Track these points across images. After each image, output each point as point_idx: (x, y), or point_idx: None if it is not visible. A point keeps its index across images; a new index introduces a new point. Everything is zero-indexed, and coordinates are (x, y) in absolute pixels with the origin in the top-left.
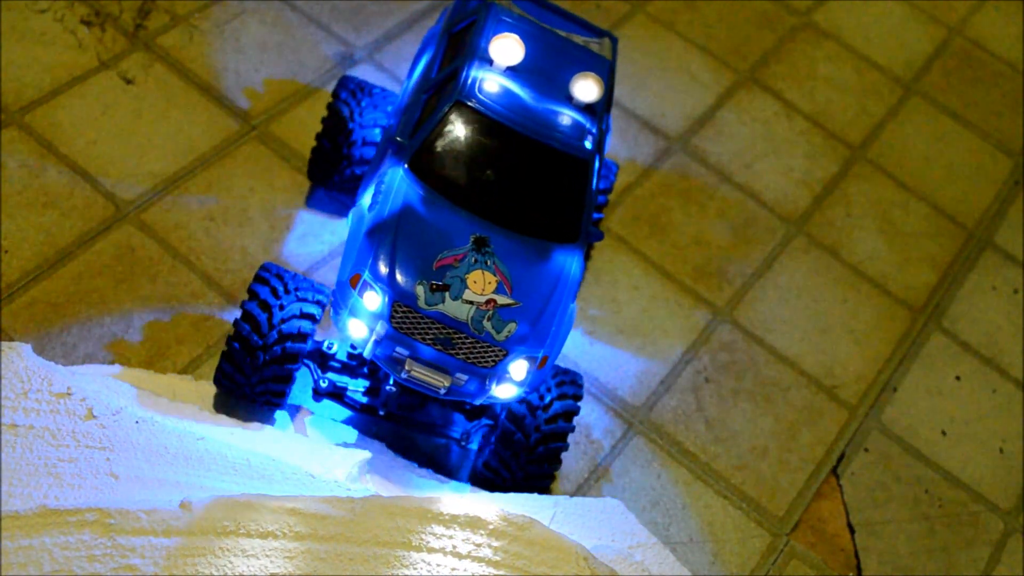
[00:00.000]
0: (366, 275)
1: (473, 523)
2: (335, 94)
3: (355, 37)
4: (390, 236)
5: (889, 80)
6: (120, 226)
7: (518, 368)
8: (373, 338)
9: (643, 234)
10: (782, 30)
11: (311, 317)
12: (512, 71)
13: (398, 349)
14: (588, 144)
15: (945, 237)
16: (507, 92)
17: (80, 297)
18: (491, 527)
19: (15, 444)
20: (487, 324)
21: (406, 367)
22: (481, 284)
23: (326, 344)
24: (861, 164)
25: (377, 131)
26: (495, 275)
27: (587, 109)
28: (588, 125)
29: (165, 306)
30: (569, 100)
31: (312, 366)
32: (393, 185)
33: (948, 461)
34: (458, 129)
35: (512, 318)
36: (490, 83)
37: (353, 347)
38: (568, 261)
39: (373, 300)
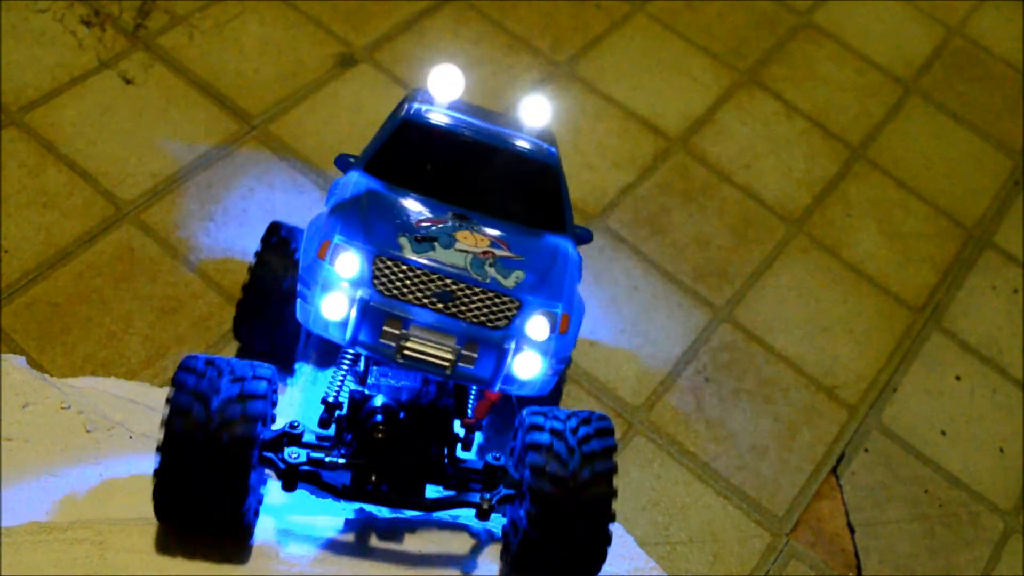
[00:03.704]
0: (336, 239)
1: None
2: (264, 241)
3: (355, 37)
4: (357, 206)
5: (889, 80)
6: (120, 226)
7: (537, 326)
8: (355, 313)
9: (643, 234)
10: (782, 30)
11: (260, 396)
12: (455, 110)
13: (388, 323)
14: (552, 151)
15: (945, 237)
16: (455, 117)
17: (80, 297)
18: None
19: (10, 458)
20: (490, 270)
21: (401, 343)
22: (473, 240)
23: (289, 424)
24: (861, 164)
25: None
26: (486, 237)
27: (540, 138)
28: (546, 145)
29: (165, 306)
30: (519, 131)
31: (275, 457)
32: (351, 181)
33: (948, 461)
34: (412, 144)
35: (518, 267)
36: (435, 113)
37: (323, 424)
38: (562, 243)
39: (349, 263)
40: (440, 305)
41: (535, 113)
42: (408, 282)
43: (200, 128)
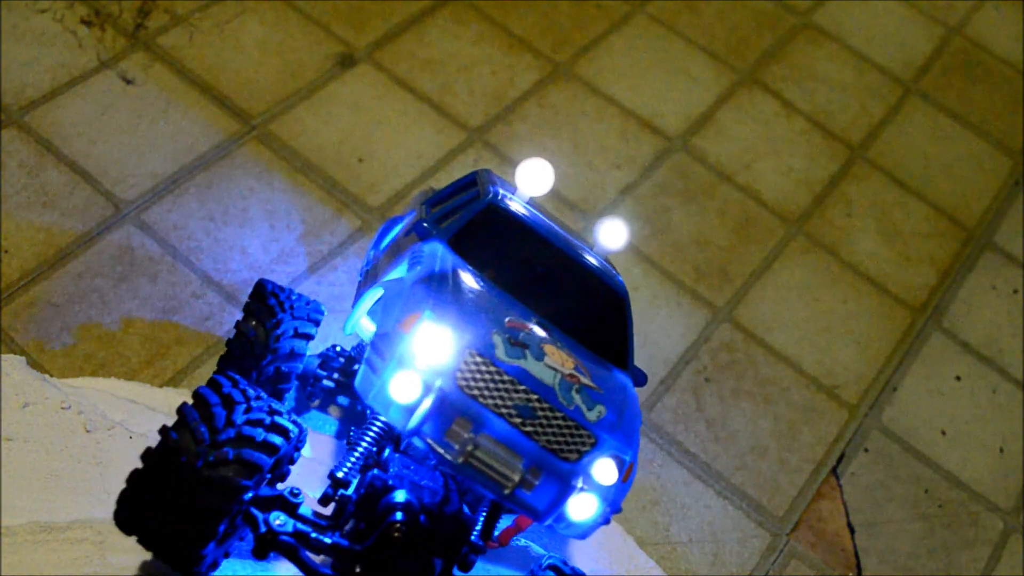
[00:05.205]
0: (428, 314)
1: None
2: (254, 295)
3: (355, 37)
4: (448, 285)
5: (889, 80)
6: (120, 226)
7: (606, 468)
8: (428, 404)
9: (643, 234)
10: (782, 30)
11: (271, 448)
12: (532, 206)
13: (458, 423)
14: (621, 281)
15: (945, 237)
16: (534, 214)
17: (80, 297)
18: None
19: (10, 458)
20: (576, 397)
21: (468, 448)
22: (560, 358)
23: (290, 491)
24: (861, 164)
25: (303, 345)
26: (570, 358)
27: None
28: (615, 273)
29: (165, 306)
30: (591, 247)
31: (260, 517)
32: (437, 253)
33: (948, 461)
34: (494, 230)
35: (601, 401)
36: (516, 203)
37: (323, 500)
38: (628, 383)
39: (435, 344)
40: (518, 419)
41: (612, 237)
42: (493, 386)
43: (200, 128)
